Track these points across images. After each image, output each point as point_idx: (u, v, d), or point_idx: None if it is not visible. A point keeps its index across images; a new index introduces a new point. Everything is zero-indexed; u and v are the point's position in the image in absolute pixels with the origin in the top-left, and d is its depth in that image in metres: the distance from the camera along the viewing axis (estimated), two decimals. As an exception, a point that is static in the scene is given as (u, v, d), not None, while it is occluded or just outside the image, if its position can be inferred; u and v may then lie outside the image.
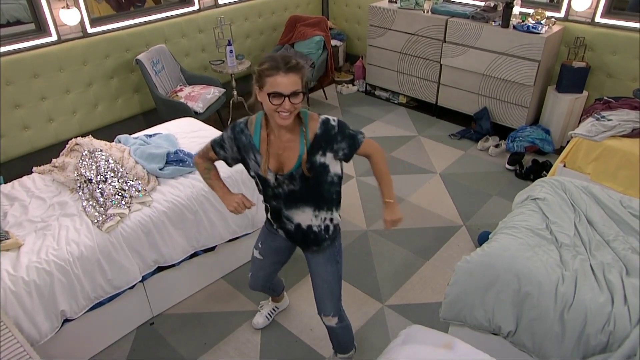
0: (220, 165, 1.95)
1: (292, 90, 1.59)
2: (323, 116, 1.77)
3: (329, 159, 1.76)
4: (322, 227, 1.91)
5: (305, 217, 1.87)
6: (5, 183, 2.74)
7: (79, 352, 2.38)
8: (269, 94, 1.60)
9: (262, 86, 1.62)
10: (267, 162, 1.76)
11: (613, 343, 1.79)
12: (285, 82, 1.58)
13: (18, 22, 3.57)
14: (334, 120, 1.76)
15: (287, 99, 1.59)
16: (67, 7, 3.53)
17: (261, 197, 1.96)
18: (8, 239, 2.19)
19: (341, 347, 2.28)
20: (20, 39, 3.48)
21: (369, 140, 1.83)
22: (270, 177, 1.79)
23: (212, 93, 4.08)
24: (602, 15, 3.84)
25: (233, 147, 1.82)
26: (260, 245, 2.14)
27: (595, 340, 1.82)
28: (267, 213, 2.02)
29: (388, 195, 1.95)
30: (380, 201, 1.96)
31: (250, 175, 1.88)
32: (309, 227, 1.90)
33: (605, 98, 3.55)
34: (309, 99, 5.09)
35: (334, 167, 1.80)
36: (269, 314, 2.60)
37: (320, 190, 1.82)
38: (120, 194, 2.43)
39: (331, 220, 1.92)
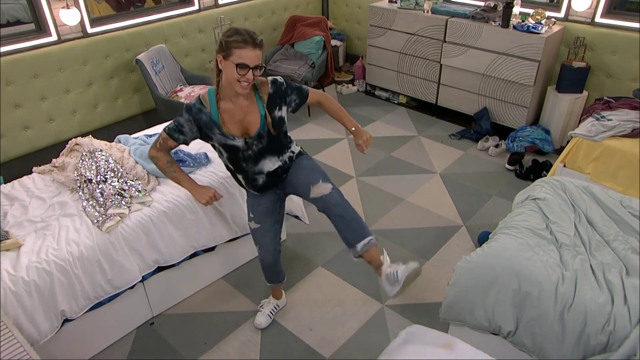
0: (221, 166, 1.98)
1: (256, 63, 1.81)
2: (270, 77, 2.02)
3: (284, 112, 2.06)
4: (287, 161, 2.16)
5: (272, 164, 2.10)
6: (5, 183, 2.73)
7: (79, 352, 2.38)
8: (236, 64, 1.79)
9: (227, 56, 1.81)
10: (234, 128, 1.97)
11: (613, 343, 1.79)
12: (252, 55, 1.79)
13: (18, 22, 3.56)
14: (280, 78, 2.04)
15: (251, 70, 1.81)
16: (67, 7, 3.53)
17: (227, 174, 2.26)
18: (8, 239, 2.19)
19: (355, 235, 2.00)
20: (20, 39, 3.48)
21: (313, 89, 2.14)
22: (240, 143, 2.00)
23: (212, 93, 4.07)
24: (602, 15, 3.84)
25: (193, 129, 2.00)
26: (252, 216, 2.28)
27: (595, 340, 1.82)
28: (237, 182, 2.25)
29: (350, 124, 2.19)
30: (381, 201, 1.97)
31: (214, 148, 2.09)
32: (276, 169, 2.12)
33: (605, 98, 3.55)
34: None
35: (287, 115, 2.09)
36: (270, 312, 2.60)
37: (280, 138, 2.08)
38: (120, 194, 2.43)
39: (292, 153, 2.18)
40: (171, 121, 2.05)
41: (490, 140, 4.20)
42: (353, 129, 2.16)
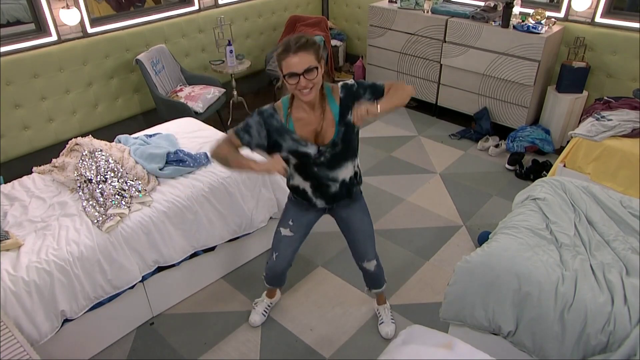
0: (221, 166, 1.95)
1: (304, 67, 1.71)
2: (341, 82, 1.94)
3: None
4: (357, 173, 2.11)
5: (347, 171, 2.03)
6: (5, 183, 2.74)
7: (79, 352, 2.38)
8: (284, 76, 1.75)
9: (281, 70, 1.77)
10: (308, 137, 1.90)
11: (613, 343, 1.79)
12: (297, 61, 1.71)
13: (18, 22, 3.57)
14: (351, 81, 1.93)
15: (301, 77, 1.72)
16: (67, 7, 3.53)
17: (281, 182, 2.11)
18: (8, 239, 2.19)
19: (375, 283, 2.44)
20: (20, 39, 3.49)
21: (389, 82, 2.00)
22: (312, 150, 1.92)
23: (212, 93, 4.08)
24: (602, 15, 3.84)
25: (261, 132, 1.89)
26: (291, 223, 2.22)
27: (595, 340, 1.82)
28: (297, 193, 2.13)
29: (381, 103, 1.86)
30: (381, 201, 1.99)
31: (282, 156, 1.93)
32: (351, 178, 2.07)
33: (605, 98, 3.55)
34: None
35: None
36: (264, 311, 2.62)
37: (353, 143, 2.00)
38: (120, 194, 2.43)
39: (358, 166, 2.12)
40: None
41: (490, 140, 4.20)
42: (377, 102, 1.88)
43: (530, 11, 3.96)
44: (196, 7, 4.46)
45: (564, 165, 3.33)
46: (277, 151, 1.93)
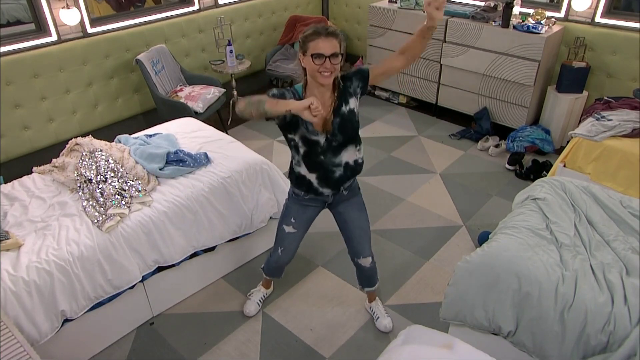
0: (221, 166, 1.95)
1: (331, 52, 1.83)
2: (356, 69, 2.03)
3: (352, 104, 2.01)
4: (360, 159, 2.13)
5: (350, 154, 2.07)
6: (5, 183, 2.74)
7: (79, 351, 2.38)
8: (312, 55, 1.83)
9: (305, 51, 1.86)
10: (316, 124, 1.96)
11: (613, 343, 1.79)
12: (326, 45, 1.83)
13: (18, 22, 3.57)
14: (342, 73, 2.00)
15: (327, 59, 1.83)
16: (67, 7, 3.53)
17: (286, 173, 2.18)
18: (8, 238, 2.19)
19: (369, 282, 2.49)
20: (20, 39, 3.48)
21: (374, 65, 2.04)
22: (322, 138, 1.99)
23: (212, 93, 4.08)
24: (602, 15, 3.84)
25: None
26: (293, 220, 2.28)
27: (595, 340, 1.82)
28: (301, 184, 2.14)
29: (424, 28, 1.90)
30: (381, 201, 2.02)
31: (290, 144, 2.06)
32: (355, 161, 2.10)
33: (606, 98, 3.55)
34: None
35: (357, 105, 2.05)
36: (259, 300, 2.66)
37: (356, 130, 2.06)
38: (120, 194, 2.43)
39: (360, 151, 2.14)
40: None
41: (490, 140, 4.20)
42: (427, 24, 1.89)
43: (531, 11, 3.96)
44: (196, 7, 4.46)
45: (564, 165, 3.33)
46: (293, 132, 2.02)
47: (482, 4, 4.31)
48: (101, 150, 2.69)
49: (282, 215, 2.32)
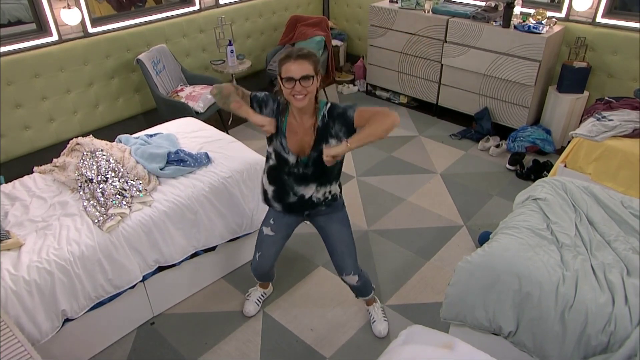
0: (222, 166, 1.96)
1: (301, 74, 1.83)
2: (328, 105, 1.97)
3: (333, 144, 1.96)
4: (322, 199, 2.12)
5: (309, 190, 2.08)
6: (6, 183, 2.74)
7: (79, 351, 2.38)
8: (281, 79, 1.86)
9: (280, 74, 1.87)
10: (292, 145, 1.99)
11: (614, 343, 1.79)
12: (295, 67, 1.83)
13: (19, 22, 3.57)
14: (327, 108, 1.96)
15: (297, 82, 1.83)
16: (68, 7, 3.53)
17: (258, 182, 2.17)
18: (9, 238, 2.19)
19: (361, 294, 2.48)
20: (21, 38, 3.49)
21: (361, 109, 1.91)
22: (292, 159, 2.01)
23: (213, 93, 4.07)
24: (603, 15, 3.84)
25: (271, 115, 2.01)
26: (272, 222, 2.28)
27: (596, 341, 1.82)
28: (262, 194, 2.23)
29: (351, 140, 1.87)
30: (381, 201, 2.00)
31: (267, 150, 2.09)
32: (310, 197, 2.10)
33: (606, 98, 3.55)
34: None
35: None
36: (257, 300, 2.67)
37: (326, 171, 2.04)
38: (121, 193, 2.43)
39: (330, 192, 2.13)
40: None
41: (491, 141, 4.20)
42: (346, 141, 1.88)
43: (531, 11, 3.96)
44: (197, 7, 4.46)
45: (565, 166, 3.33)
46: (269, 142, 2.06)
47: (483, 4, 4.31)
48: (102, 150, 2.69)
49: (264, 217, 2.34)
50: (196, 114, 3.82)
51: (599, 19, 3.86)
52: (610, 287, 1.90)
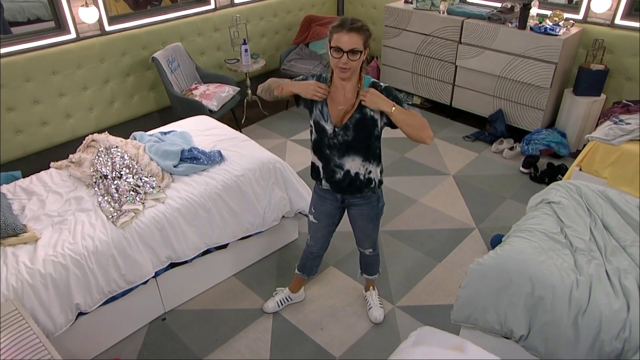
0: (235, 164, 1.97)
1: (350, 47, 1.80)
2: (375, 80, 2.01)
3: (377, 114, 1.96)
4: (366, 178, 2.10)
5: (354, 164, 2.06)
6: (23, 177, 2.79)
7: (92, 345, 2.42)
8: (331, 47, 1.84)
9: (330, 41, 1.85)
10: (332, 114, 1.99)
11: (628, 350, 1.76)
12: (346, 39, 1.79)
13: (38, 20, 3.64)
14: (382, 83, 1.98)
15: (345, 54, 1.80)
16: (86, 5, 3.58)
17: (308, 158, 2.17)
18: (26, 232, 2.23)
19: (368, 270, 2.56)
20: (40, 36, 3.55)
21: (411, 110, 1.93)
22: (329, 127, 2.00)
23: (227, 92, 4.11)
24: (623, 17, 3.78)
25: None
26: (313, 210, 2.34)
27: (609, 347, 1.79)
28: (313, 169, 2.20)
29: (398, 106, 1.89)
30: (394, 202, 2.00)
31: (310, 123, 2.08)
32: (357, 174, 2.08)
33: (624, 101, 3.50)
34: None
35: (380, 123, 1.99)
36: (280, 301, 2.66)
37: (368, 142, 2.02)
38: (134, 190, 2.46)
39: (371, 173, 2.10)
40: None
41: (505, 143, 4.16)
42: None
43: (548, 12, 3.92)
44: (212, 6, 4.49)
45: (580, 169, 3.29)
46: (310, 114, 2.07)
47: (499, 5, 4.27)
48: (117, 147, 2.72)
49: (309, 204, 2.40)
50: (210, 112, 3.84)
51: (617, 21, 3.80)
52: (625, 292, 1.87)
